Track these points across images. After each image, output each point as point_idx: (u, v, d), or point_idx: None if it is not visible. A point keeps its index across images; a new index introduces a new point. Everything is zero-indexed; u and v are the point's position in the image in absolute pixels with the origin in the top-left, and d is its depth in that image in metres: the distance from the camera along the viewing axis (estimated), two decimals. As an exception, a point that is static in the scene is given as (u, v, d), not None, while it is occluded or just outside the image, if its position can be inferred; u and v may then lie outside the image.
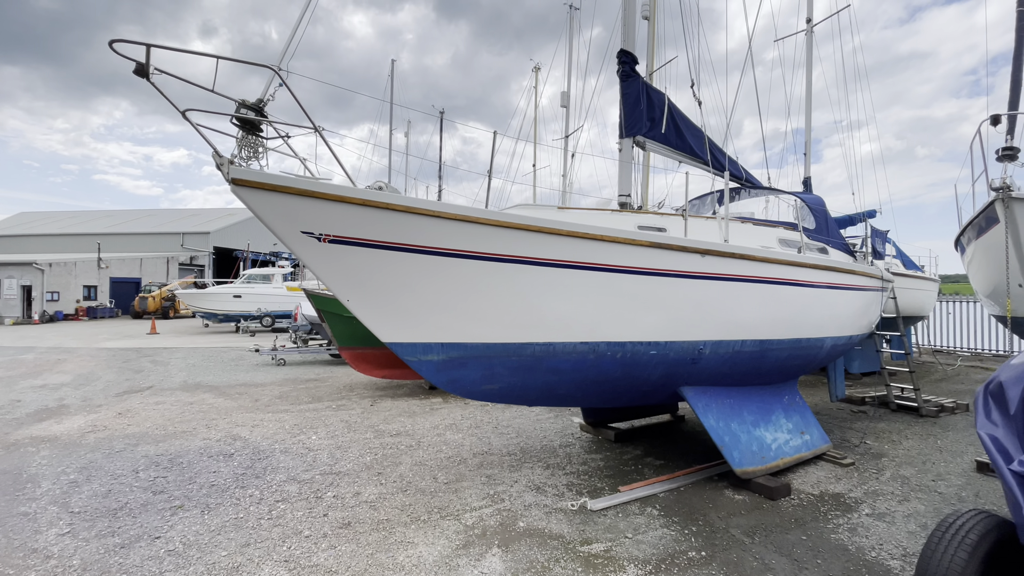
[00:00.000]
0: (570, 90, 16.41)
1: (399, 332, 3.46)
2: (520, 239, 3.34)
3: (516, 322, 3.54)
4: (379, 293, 3.32)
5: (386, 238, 3.19)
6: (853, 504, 4.10)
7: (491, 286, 3.40)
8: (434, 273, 3.30)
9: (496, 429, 6.25)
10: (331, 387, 8.98)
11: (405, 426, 6.37)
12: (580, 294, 3.56)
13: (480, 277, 3.36)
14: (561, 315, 3.59)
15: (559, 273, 3.47)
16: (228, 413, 7.03)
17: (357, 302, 3.33)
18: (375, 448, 5.46)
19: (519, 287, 3.43)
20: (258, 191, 2.97)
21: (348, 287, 3.28)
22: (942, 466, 4.99)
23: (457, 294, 3.39)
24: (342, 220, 3.10)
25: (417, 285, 3.32)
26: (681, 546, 3.41)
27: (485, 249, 3.31)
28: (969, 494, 4.29)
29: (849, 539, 3.52)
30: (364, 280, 3.26)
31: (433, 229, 3.22)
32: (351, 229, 3.13)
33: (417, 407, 7.45)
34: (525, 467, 4.90)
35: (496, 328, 3.53)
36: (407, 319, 3.43)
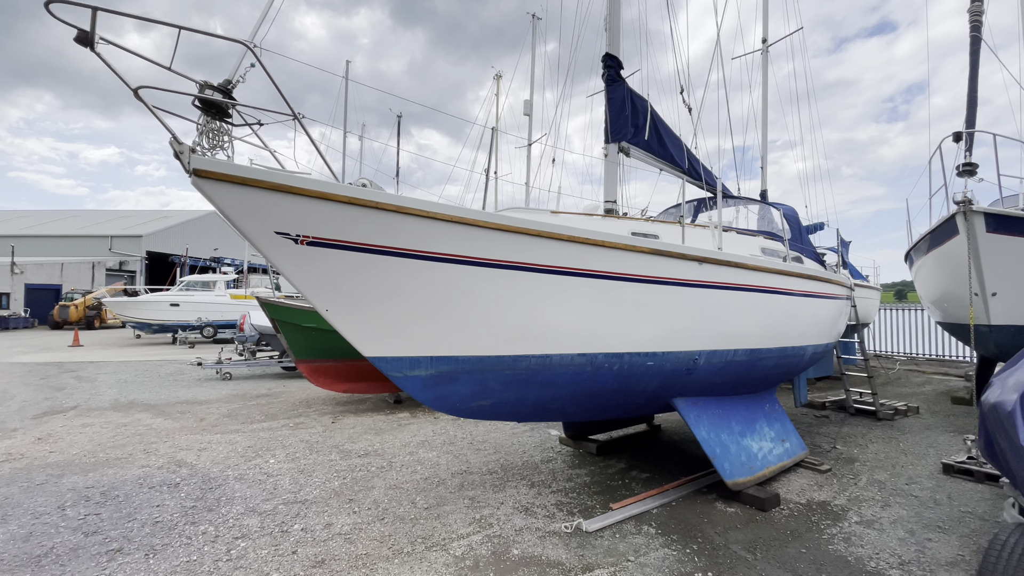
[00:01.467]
0: (532, 98, 16.42)
1: (384, 346, 3.13)
2: (521, 244, 3.11)
3: (512, 334, 3.29)
4: (363, 302, 2.98)
5: (372, 240, 2.87)
6: (840, 512, 4.11)
7: (487, 294, 3.14)
8: (425, 280, 3.00)
9: (472, 445, 5.94)
10: (286, 403, 8.34)
11: (373, 445, 5.93)
12: (580, 303, 3.37)
13: (475, 285, 3.09)
14: (560, 326, 3.38)
15: (560, 281, 3.26)
16: (169, 435, 6.32)
17: (337, 312, 2.98)
18: (343, 471, 5.02)
19: (517, 296, 3.19)
20: (225, 185, 2.58)
21: (327, 295, 2.92)
22: (911, 469, 5.14)
23: (449, 303, 3.11)
24: (323, 220, 2.76)
25: (405, 293, 3.01)
26: (686, 567, 3.25)
27: (483, 254, 3.05)
28: (943, 496, 4.41)
29: (846, 549, 3.49)
30: (346, 287, 2.92)
31: (426, 231, 2.93)
32: (333, 230, 2.79)
33: (383, 423, 7.00)
34: (509, 486, 4.63)
35: (490, 340, 3.27)
36: (393, 331, 3.11)
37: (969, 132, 5.79)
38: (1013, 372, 2.69)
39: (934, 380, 10.92)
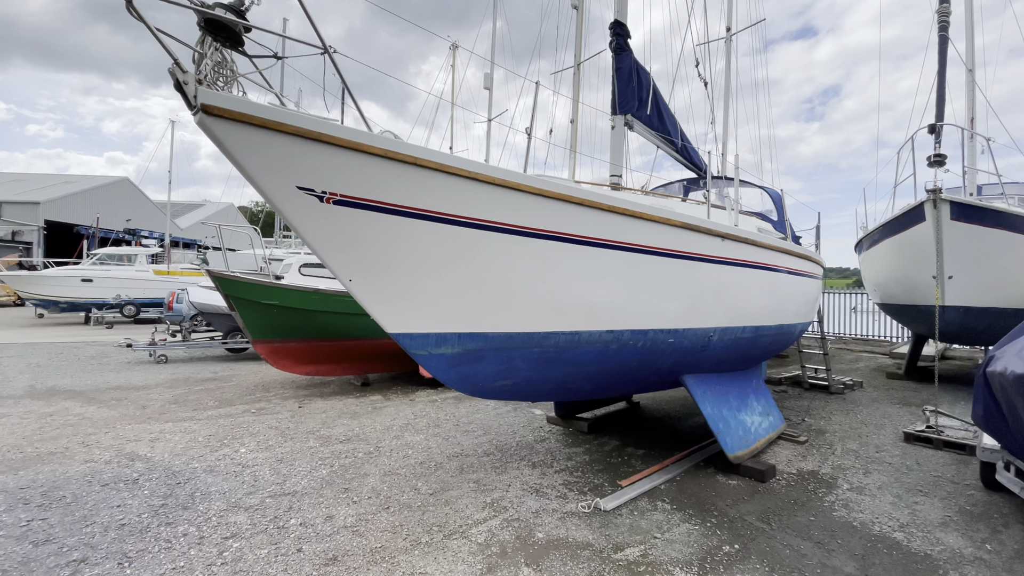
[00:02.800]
0: (493, 71, 15.93)
1: (411, 321, 2.83)
2: (565, 213, 2.89)
3: (544, 309, 3.09)
4: (392, 272, 2.66)
5: (408, 202, 2.54)
6: (831, 481, 4.33)
7: (525, 267, 2.91)
8: (462, 249, 2.72)
9: (458, 427, 5.72)
10: (239, 387, 7.65)
11: (352, 430, 5.55)
12: (614, 278, 3.22)
13: (514, 256, 2.85)
14: (591, 301, 3.22)
15: (598, 254, 3.09)
16: (109, 425, 5.58)
17: (362, 282, 2.64)
18: (327, 458, 4.64)
19: (555, 269, 2.99)
20: (241, 127, 2.16)
21: (352, 263, 2.57)
22: (875, 438, 5.54)
23: (485, 275, 2.85)
24: (355, 175, 2.40)
25: (439, 263, 2.72)
26: (712, 541, 3.26)
27: (525, 222, 2.81)
28: (912, 463, 4.77)
29: (848, 515, 3.66)
30: (375, 254, 2.58)
31: (468, 194, 2.64)
32: (365, 188, 2.44)
33: (357, 407, 6.59)
34: (511, 468, 4.47)
35: (521, 316, 3.06)
36: (422, 305, 2.81)
37: (940, 125, 6.24)
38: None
39: (864, 357, 11.96)
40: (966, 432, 5.17)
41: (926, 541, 3.28)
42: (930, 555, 3.10)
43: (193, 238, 35.77)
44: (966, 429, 5.28)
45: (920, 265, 6.13)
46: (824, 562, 3.04)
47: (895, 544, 3.25)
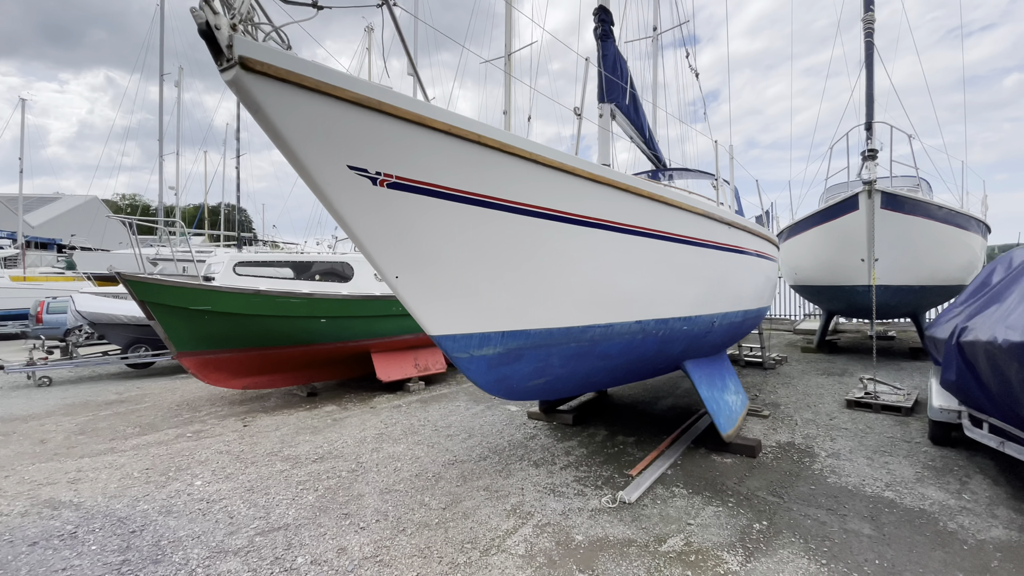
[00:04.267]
0: (417, 56, 15.24)
1: (458, 320, 2.52)
2: (610, 199, 2.74)
3: (583, 301, 2.94)
4: (443, 265, 2.34)
5: (466, 186, 2.24)
6: (807, 449, 4.67)
7: (571, 257, 2.73)
8: (514, 238, 2.47)
9: (438, 432, 5.38)
10: (158, 408, 6.56)
11: (320, 447, 4.98)
12: (646, 267, 3.15)
13: (563, 245, 2.66)
14: (627, 291, 3.12)
15: (634, 242, 2.99)
16: (5, 467, 4.47)
17: (411, 279, 2.29)
18: (306, 482, 4.09)
19: (597, 258, 2.84)
20: (289, 90, 1.74)
21: (403, 256, 2.22)
22: (822, 407, 6.11)
23: (537, 268, 2.62)
24: (414, 154, 2.06)
25: (491, 254, 2.45)
26: (740, 521, 3.35)
27: (575, 209, 2.62)
28: (863, 427, 5.31)
29: (840, 480, 3.96)
30: (427, 246, 2.25)
31: (525, 178, 2.39)
32: (423, 169, 2.10)
33: (313, 420, 5.94)
34: (515, 470, 4.27)
35: (564, 310, 2.87)
36: (470, 302, 2.52)
37: (877, 122, 7.03)
38: (1002, 315, 3.22)
39: (773, 335, 13.27)
40: (898, 396, 5.88)
41: (914, 497, 3.64)
42: (924, 510, 3.44)
43: (51, 237, 30.43)
44: (896, 393, 6.01)
45: (849, 250, 6.91)
46: (844, 527, 3.24)
47: (891, 503, 3.56)
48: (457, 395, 7.03)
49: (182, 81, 23.33)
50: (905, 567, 2.79)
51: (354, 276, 6.87)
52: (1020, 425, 3.18)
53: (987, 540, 3.02)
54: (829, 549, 2.98)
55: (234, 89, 1.72)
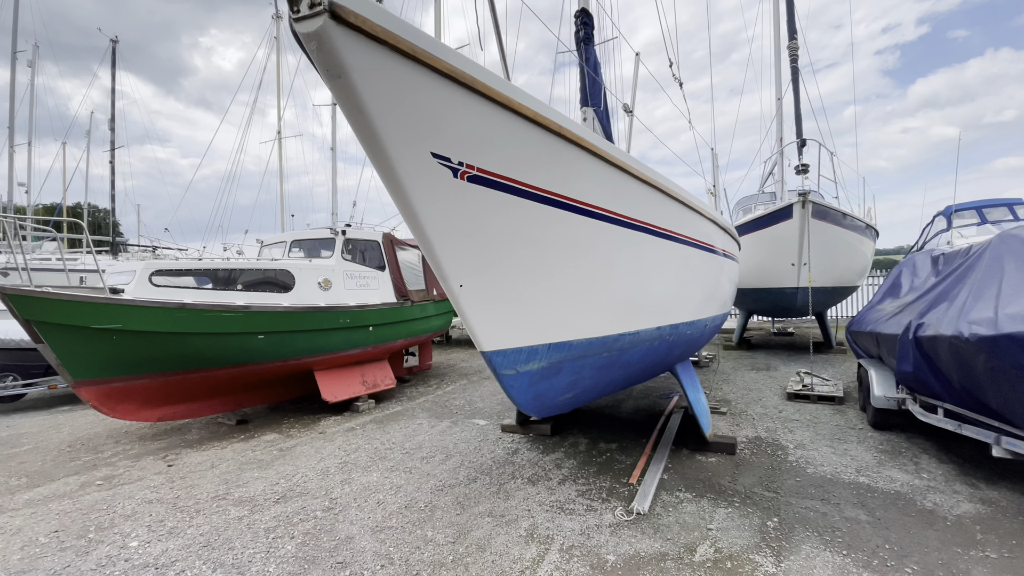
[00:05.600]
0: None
1: (510, 334, 2.26)
2: (655, 202, 2.63)
3: (620, 309, 2.81)
4: (508, 273, 2.08)
5: (542, 183, 2.00)
6: (775, 442, 4.96)
7: (617, 262, 2.58)
8: (576, 242, 2.28)
9: (409, 454, 4.93)
10: (45, 452, 5.30)
11: (277, 484, 4.31)
12: (670, 272, 3.10)
13: (614, 249, 2.50)
14: (653, 297, 3.04)
15: (667, 247, 2.92)
16: None
17: (476, 287, 2.00)
18: (275, 529, 3.49)
19: (638, 263, 2.72)
20: (385, 53, 1.40)
21: (471, 259, 1.93)
22: (768, 401, 6.59)
23: (585, 273, 2.43)
24: (502, 146, 1.78)
25: (553, 260, 2.22)
26: (753, 520, 3.41)
27: (632, 213, 2.47)
28: (810, 417, 5.78)
29: (818, 470, 4.23)
30: (497, 250, 1.98)
31: (591, 176, 2.20)
32: (508, 164, 1.83)
33: (254, 452, 5.16)
34: (512, 490, 4.01)
35: (601, 318, 2.72)
36: (525, 313, 2.27)
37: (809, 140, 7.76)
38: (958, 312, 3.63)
39: (692, 334, 14.26)
40: (830, 387, 6.51)
41: (884, 480, 3.98)
42: (899, 492, 3.77)
43: None
44: (827, 384, 6.65)
45: (780, 254, 7.58)
46: (843, 516, 3.44)
47: (869, 488, 3.86)
48: (414, 412, 6.56)
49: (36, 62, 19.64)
50: (912, 548, 2.99)
51: (296, 285, 6.12)
52: (979, 410, 3.61)
53: (962, 515, 3.36)
54: (843, 539, 3.13)
55: (313, 45, 1.33)
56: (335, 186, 14.41)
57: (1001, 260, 3.63)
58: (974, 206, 10.03)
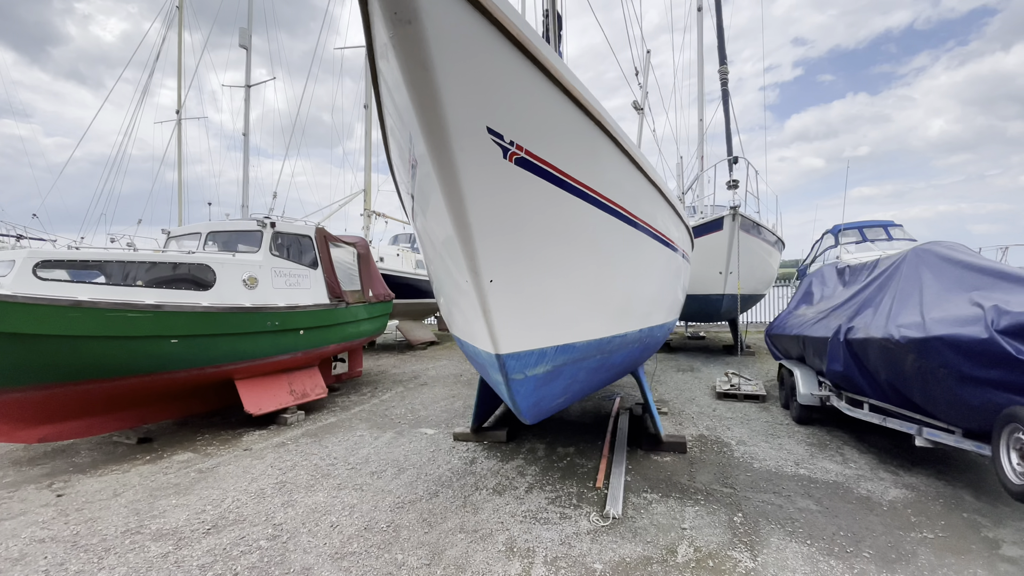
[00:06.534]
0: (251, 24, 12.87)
1: (525, 335, 2.10)
2: (656, 206, 2.61)
3: (617, 310, 2.75)
4: (534, 268, 1.92)
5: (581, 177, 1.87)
6: (718, 440, 5.23)
7: (624, 262, 2.51)
8: (597, 239, 2.17)
9: (356, 470, 4.52)
10: None
11: (200, 511, 3.73)
12: (656, 274, 3.10)
13: (624, 249, 2.43)
14: (642, 299, 3.03)
15: (657, 250, 2.91)
16: None
17: (505, 282, 1.83)
18: (211, 566, 2.99)
19: (642, 263, 2.69)
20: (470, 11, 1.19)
21: (506, 251, 1.77)
22: (701, 400, 6.97)
23: (597, 273, 2.34)
24: (551, 128, 1.63)
25: (576, 257, 2.10)
26: (720, 517, 3.53)
27: (638, 213, 2.41)
28: (741, 415, 6.19)
29: (763, 465, 4.50)
30: (530, 242, 1.81)
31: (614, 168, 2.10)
32: (553, 149, 1.68)
33: (166, 475, 4.44)
34: (479, 503, 3.80)
35: (602, 320, 2.65)
36: (541, 313, 2.13)
37: (739, 158, 8.31)
38: (885, 316, 4.05)
39: (615, 338, 14.85)
40: (753, 387, 7.03)
41: (821, 471, 4.33)
42: (836, 482, 4.11)
43: None
44: (750, 384, 7.19)
45: (709, 263, 8.09)
46: (795, 506, 3.67)
47: (810, 479, 4.17)
48: (351, 423, 6.08)
49: None
50: (863, 534, 3.25)
51: (216, 283, 5.39)
52: (903, 405, 4.05)
53: (894, 500, 3.74)
54: (803, 529, 3.32)
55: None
56: (247, 175, 13.20)
57: (918, 271, 4.12)
58: (857, 226, 11.50)
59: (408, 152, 1.72)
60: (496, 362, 2.09)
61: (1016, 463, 2.85)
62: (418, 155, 1.59)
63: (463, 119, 1.47)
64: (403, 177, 2.08)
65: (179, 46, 15.58)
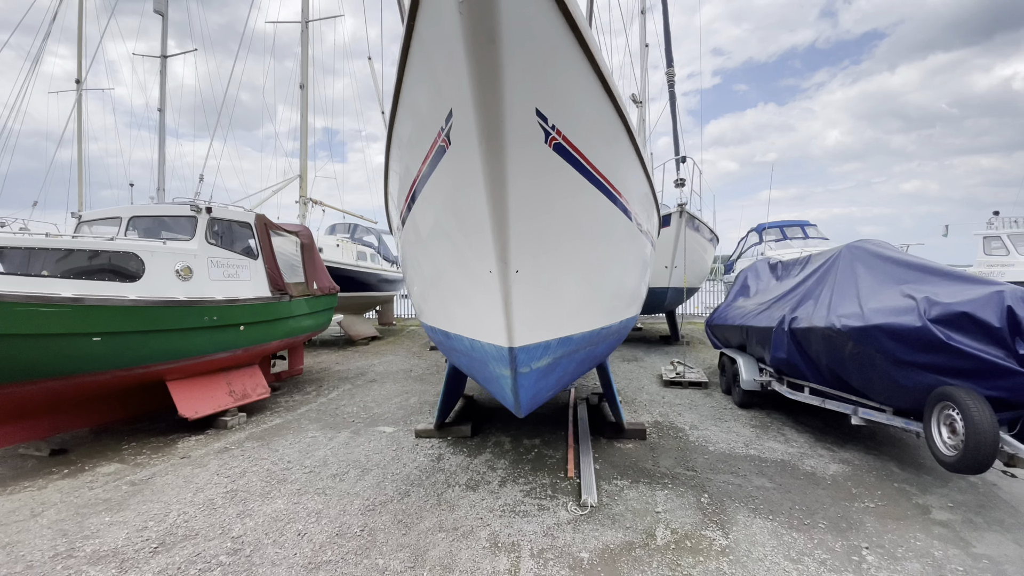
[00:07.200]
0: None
1: (537, 328, 2.06)
2: (645, 201, 2.64)
3: (608, 302, 2.78)
4: (555, 258, 1.89)
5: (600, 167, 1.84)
6: (672, 425, 5.48)
7: (620, 255, 2.53)
8: (607, 230, 2.16)
9: (315, 473, 4.27)
10: None
11: (142, 529, 3.34)
12: (639, 267, 3.16)
13: (621, 241, 2.44)
14: (626, 291, 3.07)
15: (641, 243, 2.96)
16: None
17: (530, 272, 1.78)
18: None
19: (629, 258, 2.71)
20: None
21: (534, 240, 1.73)
22: (649, 388, 7.27)
23: (601, 263, 2.34)
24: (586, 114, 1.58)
25: (588, 248, 2.09)
26: (689, 499, 3.70)
27: (636, 210, 2.43)
28: (688, 401, 6.54)
29: (717, 447, 4.78)
30: (554, 231, 1.77)
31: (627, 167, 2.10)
32: (584, 136, 1.63)
33: (93, 490, 3.94)
34: (454, 499, 3.72)
35: (596, 311, 2.67)
36: (552, 304, 2.10)
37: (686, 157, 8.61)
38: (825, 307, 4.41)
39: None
40: (696, 374, 7.44)
41: (768, 451, 4.66)
42: (783, 460, 4.44)
43: None
44: (693, 371, 7.60)
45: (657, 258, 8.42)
46: (753, 483, 3.93)
47: (760, 459, 4.48)
48: (300, 424, 5.72)
49: None
50: (815, 507, 3.55)
51: (145, 273, 4.82)
52: (841, 388, 4.45)
53: (836, 475, 4.10)
54: (764, 506, 3.56)
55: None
56: (163, 155, 12.04)
57: (853, 266, 4.54)
58: (778, 225, 12.50)
59: (438, 131, 1.60)
60: (507, 355, 2.03)
61: (947, 437, 3.23)
62: (456, 134, 1.49)
63: (519, 98, 1.39)
64: (413, 160, 1.94)
65: (80, 8, 13.73)
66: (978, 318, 3.13)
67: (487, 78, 1.33)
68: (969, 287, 3.43)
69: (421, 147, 1.79)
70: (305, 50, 11.29)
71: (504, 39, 1.29)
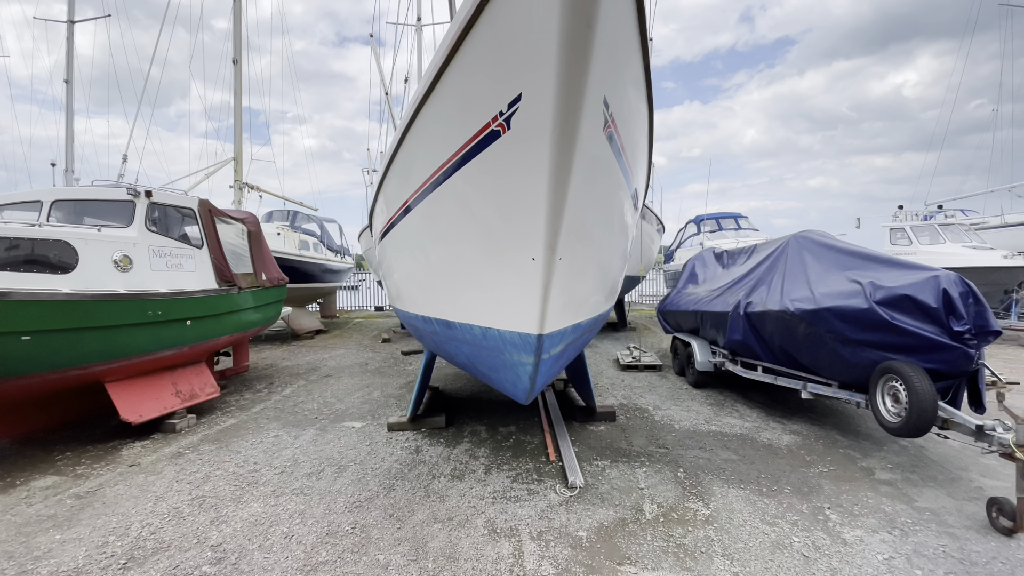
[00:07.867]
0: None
1: (560, 314, 2.09)
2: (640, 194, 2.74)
3: (609, 289, 2.85)
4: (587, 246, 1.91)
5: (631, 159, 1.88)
6: (637, 407, 5.74)
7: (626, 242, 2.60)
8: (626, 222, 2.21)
9: (288, 473, 4.07)
10: None
11: (102, 545, 3.05)
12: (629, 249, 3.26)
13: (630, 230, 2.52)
14: (618, 277, 3.16)
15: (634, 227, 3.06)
16: None
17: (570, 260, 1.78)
18: (149, 601, 2.49)
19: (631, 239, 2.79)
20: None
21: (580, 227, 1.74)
22: (609, 373, 7.54)
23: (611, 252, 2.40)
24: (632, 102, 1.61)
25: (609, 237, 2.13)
26: (666, 474, 3.91)
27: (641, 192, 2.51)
28: (646, 383, 6.86)
29: (682, 425, 5.07)
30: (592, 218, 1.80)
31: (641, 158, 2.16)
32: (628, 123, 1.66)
33: (36, 506, 3.53)
34: (442, 490, 3.69)
35: (601, 297, 2.76)
36: (576, 291, 2.14)
37: None
38: (778, 292, 4.79)
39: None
40: (651, 358, 7.81)
41: (727, 427, 5.01)
42: (743, 434, 4.80)
43: None
44: (647, 355, 7.97)
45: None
46: (720, 456, 4.23)
47: (722, 434, 4.81)
48: (258, 423, 5.41)
49: None
50: (779, 475, 3.88)
51: (79, 264, 4.31)
52: (792, 366, 4.86)
53: (789, 445, 4.49)
54: (735, 477, 3.85)
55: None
56: (71, 131, 10.81)
57: (801, 255, 4.95)
58: (714, 217, 13.29)
59: (493, 116, 1.55)
60: (533, 343, 2.03)
61: (891, 406, 3.64)
62: (522, 118, 1.45)
63: (596, 84, 1.38)
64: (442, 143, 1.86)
65: None
66: (918, 300, 3.55)
67: (576, 63, 1.32)
68: (908, 272, 3.87)
69: (460, 132, 1.74)
70: (239, 21, 10.42)
71: (600, 25, 1.28)
